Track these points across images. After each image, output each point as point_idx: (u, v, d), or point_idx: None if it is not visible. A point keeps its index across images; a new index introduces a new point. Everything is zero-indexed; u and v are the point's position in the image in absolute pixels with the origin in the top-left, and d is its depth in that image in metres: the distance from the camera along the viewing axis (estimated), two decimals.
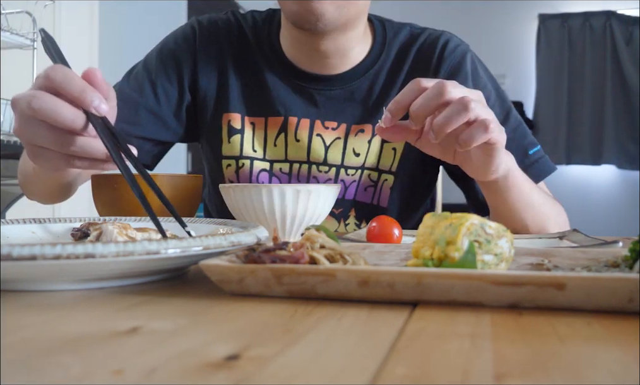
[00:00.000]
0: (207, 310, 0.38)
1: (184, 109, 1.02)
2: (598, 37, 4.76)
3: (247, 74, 1.00)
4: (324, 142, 0.98)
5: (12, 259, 0.39)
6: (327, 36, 0.92)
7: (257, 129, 0.99)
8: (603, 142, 4.72)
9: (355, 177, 0.99)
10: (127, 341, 0.30)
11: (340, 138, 0.98)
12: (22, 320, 0.35)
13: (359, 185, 0.99)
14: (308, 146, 0.98)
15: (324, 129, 0.98)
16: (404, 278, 0.37)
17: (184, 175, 0.81)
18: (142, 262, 0.43)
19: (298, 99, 0.98)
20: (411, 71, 0.98)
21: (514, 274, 0.36)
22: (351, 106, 0.98)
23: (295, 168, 0.99)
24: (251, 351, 0.28)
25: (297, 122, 0.98)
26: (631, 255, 0.44)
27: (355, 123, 0.98)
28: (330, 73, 0.98)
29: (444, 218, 0.44)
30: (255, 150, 1.00)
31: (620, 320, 0.34)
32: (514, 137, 0.94)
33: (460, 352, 0.28)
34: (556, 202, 0.93)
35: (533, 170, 0.94)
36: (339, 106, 0.98)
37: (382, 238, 0.65)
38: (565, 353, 0.29)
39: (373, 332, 0.32)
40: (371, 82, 0.98)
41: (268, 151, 1.00)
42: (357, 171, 0.99)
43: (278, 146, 0.99)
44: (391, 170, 0.99)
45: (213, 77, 1.00)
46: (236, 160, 1.00)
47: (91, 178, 0.80)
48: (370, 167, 0.99)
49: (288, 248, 0.43)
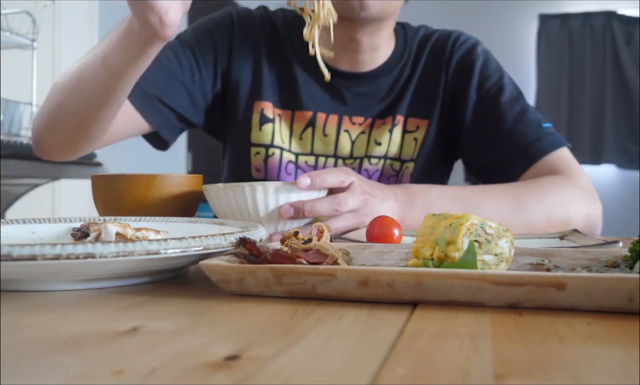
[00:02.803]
0: (207, 310, 0.38)
1: (213, 95, 1.04)
2: (598, 37, 4.76)
3: (278, 67, 1.03)
4: (350, 138, 1.02)
5: (12, 259, 0.39)
6: (365, 29, 0.96)
7: (283, 121, 1.02)
8: (603, 142, 4.72)
9: (378, 166, 1.03)
10: (127, 341, 0.30)
11: (365, 132, 1.03)
12: (22, 320, 0.35)
13: (382, 175, 1.03)
14: (336, 141, 1.02)
15: (351, 124, 1.03)
16: (404, 278, 0.37)
17: (184, 175, 0.81)
18: (142, 262, 0.43)
19: (327, 95, 1.02)
20: (427, 63, 1.04)
21: (514, 274, 0.36)
22: (376, 102, 1.03)
23: (320, 162, 1.03)
24: (251, 351, 0.28)
25: (326, 118, 1.02)
26: (631, 255, 0.44)
27: (379, 117, 1.03)
28: (359, 70, 1.02)
29: (444, 218, 0.44)
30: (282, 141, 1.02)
31: (620, 320, 0.34)
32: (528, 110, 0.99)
33: (460, 352, 0.28)
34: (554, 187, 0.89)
35: (549, 139, 0.96)
36: (365, 102, 1.03)
37: (382, 238, 0.65)
38: (565, 353, 0.29)
39: (373, 332, 0.32)
40: (395, 79, 1.03)
41: (293, 143, 1.03)
42: (380, 160, 1.03)
43: (304, 139, 1.02)
44: (412, 157, 1.03)
45: (248, 64, 1.03)
46: (266, 148, 1.02)
47: (91, 178, 0.80)
48: (393, 157, 1.03)
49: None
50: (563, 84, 4.81)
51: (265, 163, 1.02)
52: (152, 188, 0.76)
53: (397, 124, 1.02)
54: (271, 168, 1.02)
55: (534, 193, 0.88)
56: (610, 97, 4.72)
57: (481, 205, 0.85)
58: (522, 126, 0.96)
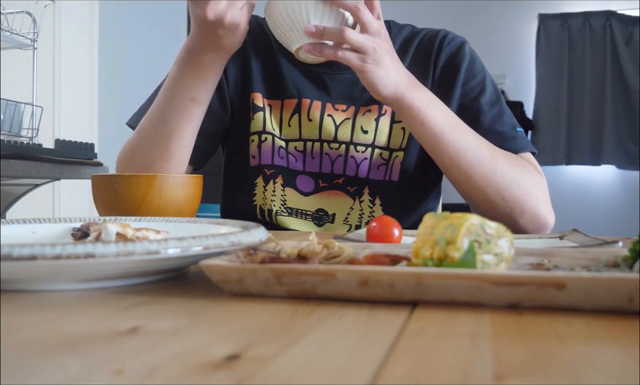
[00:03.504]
0: (207, 310, 0.38)
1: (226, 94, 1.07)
2: (598, 37, 4.76)
3: (265, 61, 1.07)
4: (334, 122, 1.05)
5: (12, 259, 0.39)
6: None
7: (273, 111, 1.05)
8: (603, 142, 4.71)
9: (366, 154, 1.04)
10: (127, 341, 0.30)
11: (349, 118, 1.05)
12: (22, 320, 0.35)
13: (371, 164, 1.05)
14: (320, 124, 1.04)
15: (334, 110, 1.05)
16: (404, 278, 0.37)
17: (184, 175, 0.81)
18: (142, 262, 0.43)
19: (310, 82, 1.05)
20: (414, 60, 1.06)
21: (514, 274, 0.36)
22: (359, 90, 1.05)
23: (308, 146, 1.05)
24: (251, 351, 0.28)
25: (310, 103, 1.05)
26: (631, 255, 0.44)
27: (363, 105, 1.05)
28: None
29: (444, 218, 0.44)
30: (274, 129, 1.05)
31: (620, 320, 0.34)
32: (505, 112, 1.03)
33: (460, 352, 0.28)
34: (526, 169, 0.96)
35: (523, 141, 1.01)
36: (347, 89, 1.05)
37: (382, 238, 0.65)
38: (565, 353, 0.29)
39: (373, 332, 0.32)
40: None
41: (284, 131, 1.05)
42: (367, 149, 1.04)
43: (292, 126, 1.05)
44: (401, 147, 1.05)
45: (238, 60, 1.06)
46: (259, 135, 1.05)
47: (91, 178, 0.80)
48: (381, 146, 1.04)
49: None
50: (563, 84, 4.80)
51: (259, 148, 1.05)
52: (152, 188, 0.76)
53: (384, 114, 1.04)
54: (265, 152, 1.05)
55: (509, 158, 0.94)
56: (609, 97, 4.71)
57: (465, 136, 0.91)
58: (499, 126, 1.00)
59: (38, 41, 2.23)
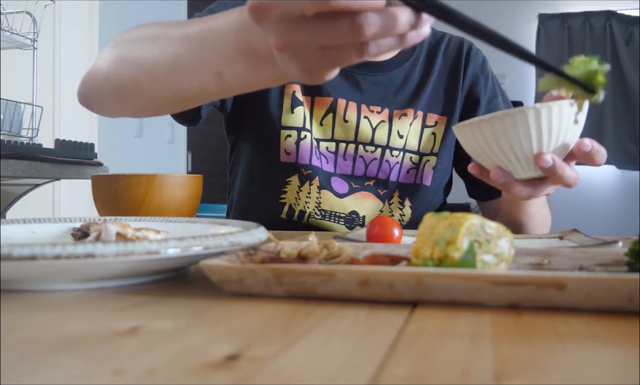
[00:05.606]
0: (207, 310, 0.38)
1: None
2: (598, 37, 4.76)
3: None
4: (371, 124, 1.04)
5: (12, 259, 0.39)
6: None
7: (306, 107, 1.03)
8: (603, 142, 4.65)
9: (398, 159, 1.05)
10: (127, 341, 0.30)
11: (385, 121, 1.04)
12: (22, 320, 0.35)
13: (401, 168, 1.05)
14: (357, 127, 1.03)
15: (370, 112, 1.04)
16: (404, 278, 0.37)
17: (184, 175, 0.81)
18: (142, 262, 0.43)
19: (344, 82, 1.04)
20: (443, 68, 1.09)
21: (514, 274, 0.36)
22: (392, 93, 1.05)
23: (341, 148, 1.03)
24: (251, 351, 0.28)
25: (346, 104, 1.03)
26: (631, 255, 0.44)
27: (397, 108, 1.05)
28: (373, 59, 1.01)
29: (444, 218, 0.44)
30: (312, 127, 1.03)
31: (620, 320, 0.34)
32: None
33: (460, 352, 0.28)
34: None
35: None
36: (381, 91, 1.05)
37: (382, 238, 0.65)
38: (565, 353, 0.29)
39: (373, 332, 0.32)
40: (407, 73, 1.07)
41: (314, 130, 1.03)
42: (400, 153, 1.05)
43: (324, 125, 1.03)
44: (432, 151, 1.06)
45: None
46: (298, 131, 1.02)
47: (91, 178, 0.80)
48: (411, 150, 1.05)
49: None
50: None
51: (297, 146, 1.02)
52: (152, 188, 0.76)
53: (416, 117, 1.05)
54: (303, 151, 1.01)
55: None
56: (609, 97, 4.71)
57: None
58: None
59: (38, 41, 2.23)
